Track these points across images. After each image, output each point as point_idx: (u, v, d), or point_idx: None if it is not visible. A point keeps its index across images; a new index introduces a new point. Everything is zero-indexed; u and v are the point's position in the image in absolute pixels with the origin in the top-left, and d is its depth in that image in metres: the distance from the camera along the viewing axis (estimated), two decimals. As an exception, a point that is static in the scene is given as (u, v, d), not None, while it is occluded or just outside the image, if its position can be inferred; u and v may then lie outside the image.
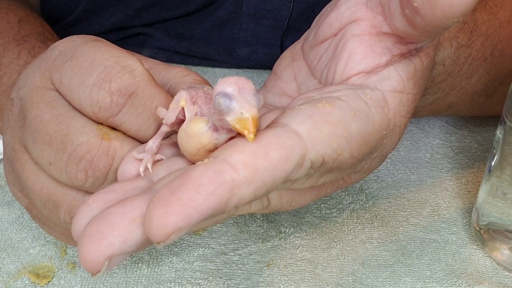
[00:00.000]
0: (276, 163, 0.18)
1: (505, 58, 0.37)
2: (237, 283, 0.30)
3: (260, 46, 0.48)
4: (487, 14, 0.36)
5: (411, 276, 0.31)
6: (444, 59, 0.34)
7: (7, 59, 0.36)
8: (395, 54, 0.23)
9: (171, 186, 0.17)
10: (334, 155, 0.20)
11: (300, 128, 0.20)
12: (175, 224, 0.17)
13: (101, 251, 0.17)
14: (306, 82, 0.27)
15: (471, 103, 0.39)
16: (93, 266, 0.18)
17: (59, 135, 0.23)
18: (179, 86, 0.26)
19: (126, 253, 0.18)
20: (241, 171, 0.18)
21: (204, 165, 0.18)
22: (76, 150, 0.23)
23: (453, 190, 0.37)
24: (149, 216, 0.17)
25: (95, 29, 0.48)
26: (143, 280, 0.30)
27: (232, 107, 0.19)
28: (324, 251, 0.33)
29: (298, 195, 0.25)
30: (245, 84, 0.19)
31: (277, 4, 0.45)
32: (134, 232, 0.18)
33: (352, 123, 0.21)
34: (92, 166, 0.23)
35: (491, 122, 0.43)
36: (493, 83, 0.37)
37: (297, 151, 0.19)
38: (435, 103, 0.37)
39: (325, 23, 0.26)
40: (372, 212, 0.35)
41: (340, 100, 0.21)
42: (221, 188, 0.17)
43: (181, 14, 0.47)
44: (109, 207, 0.19)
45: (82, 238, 0.18)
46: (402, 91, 0.23)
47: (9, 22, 0.39)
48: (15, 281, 0.30)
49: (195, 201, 0.17)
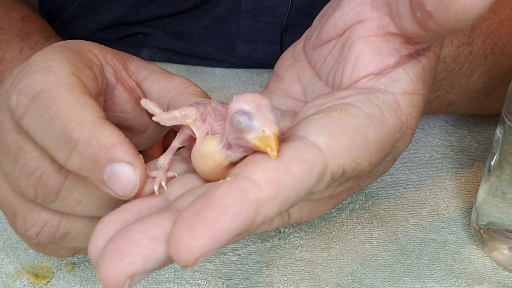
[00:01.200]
0: (299, 177, 0.18)
1: (505, 56, 0.37)
2: (236, 283, 0.30)
3: (260, 43, 0.48)
4: (488, 12, 0.36)
5: (411, 276, 0.31)
6: (445, 57, 0.34)
7: (9, 54, 0.36)
8: (403, 55, 0.23)
9: (195, 207, 0.17)
10: (354, 164, 0.20)
11: (318, 140, 0.19)
12: (203, 247, 0.16)
13: (123, 270, 0.17)
14: (312, 84, 0.27)
15: (471, 101, 0.38)
16: (114, 285, 0.17)
17: (15, 147, 0.22)
18: (181, 98, 0.26)
19: (148, 271, 0.18)
20: (264, 189, 0.17)
21: (227, 184, 0.17)
22: (26, 164, 0.22)
23: (453, 190, 0.37)
24: (175, 239, 0.16)
25: (92, 26, 0.48)
26: (142, 281, 0.30)
27: (253, 125, 0.18)
28: (324, 251, 0.32)
29: (317, 206, 0.25)
30: (262, 101, 0.19)
31: (276, 1, 0.45)
32: (156, 250, 0.17)
33: (369, 130, 0.21)
34: (40, 183, 0.22)
35: (490, 121, 0.43)
36: (493, 81, 0.37)
37: (318, 164, 0.19)
38: (436, 101, 0.37)
39: (328, 23, 0.26)
40: (372, 212, 0.35)
41: (354, 107, 0.21)
42: (246, 207, 0.17)
43: (179, 10, 0.47)
44: (129, 225, 0.18)
45: (102, 257, 0.17)
46: (412, 92, 0.23)
47: (12, 20, 0.39)
48: (14, 281, 0.30)
49: (222, 222, 0.16)
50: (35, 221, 0.23)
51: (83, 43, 0.25)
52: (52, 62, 0.22)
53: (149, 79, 0.27)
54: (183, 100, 0.26)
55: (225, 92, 0.47)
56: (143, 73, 0.27)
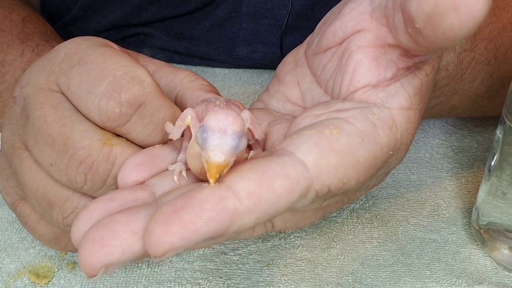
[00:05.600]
0: (280, 193, 0.19)
1: (508, 61, 0.37)
2: (237, 282, 0.30)
3: (260, 45, 0.48)
4: (490, 17, 0.36)
5: (411, 275, 0.31)
6: (447, 64, 0.34)
7: (10, 57, 0.36)
8: (400, 68, 0.23)
9: (174, 205, 0.18)
10: (340, 184, 0.20)
11: (306, 158, 0.20)
12: (173, 243, 0.17)
13: (100, 258, 0.18)
14: (311, 90, 0.27)
15: (473, 106, 0.38)
16: (90, 270, 0.18)
17: (62, 138, 0.23)
18: (188, 92, 0.26)
19: (123, 263, 0.18)
20: (244, 201, 0.18)
21: (209, 189, 0.18)
22: (77, 153, 0.23)
23: (453, 190, 0.37)
24: (149, 231, 0.17)
25: (94, 28, 0.48)
26: (143, 280, 0.30)
27: (205, 146, 0.19)
28: (324, 250, 0.33)
29: (302, 217, 0.25)
30: (231, 125, 0.19)
31: (276, 3, 0.45)
32: (134, 244, 0.18)
33: (359, 150, 0.21)
34: (91, 170, 0.23)
35: (491, 122, 0.43)
36: (495, 86, 0.37)
37: (302, 182, 0.19)
38: (437, 107, 0.37)
39: (328, 31, 0.26)
40: (372, 212, 0.35)
41: (348, 123, 0.21)
42: (222, 214, 0.18)
43: (180, 12, 0.47)
44: (115, 214, 0.19)
45: (83, 241, 0.18)
46: (409, 107, 0.23)
47: (12, 21, 0.39)
48: (15, 281, 0.30)
49: (195, 224, 0.17)
50: (74, 208, 0.24)
51: (97, 42, 0.25)
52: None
53: (156, 75, 0.28)
54: (190, 94, 0.26)
55: (225, 92, 0.47)
56: (151, 69, 0.28)
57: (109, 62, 0.23)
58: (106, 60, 0.23)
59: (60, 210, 0.24)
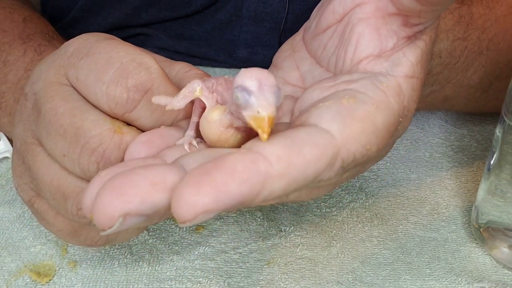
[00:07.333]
0: (310, 160, 0.18)
1: (500, 52, 0.37)
2: (238, 281, 0.30)
3: (260, 47, 0.48)
4: (484, 8, 0.36)
5: (411, 274, 0.31)
6: (440, 51, 0.34)
7: (12, 57, 0.36)
8: (401, 37, 0.24)
9: (205, 167, 0.17)
10: (364, 151, 0.20)
11: (331, 127, 0.20)
12: (205, 205, 0.16)
13: (118, 206, 0.17)
14: (312, 71, 0.27)
15: (467, 97, 0.39)
16: (106, 220, 0.17)
17: (73, 128, 0.23)
18: (184, 82, 0.26)
19: (141, 216, 0.18)
20: (275, 164, 0.18)
21: (239, 153, 0.18)
22: (88, 142, 0.23)
23: (453, 189, 0.37)
24: (179, 194, 0.16)
25: (93, 30, 0.48)
26: (144, 279, 0.31)
27: (250, 103, 0.18)
28: (324, 249, 0.33)
29: (317, 188, 0.24)
30: (266, 79, 0.19)
31: (276, 7, 0.46)
32: (154, 195, 0.17)
33: (377, 116, 0.21)
34: (103, 158, 0.23)
35: (490, 121, 0.43)
36: (488, 77, 0.37)
37: (330, 150, 0.19)
38: (431, 96, 0.37)
39: (328, 10, 0.26)
40: (372, 211, 0.35)
41: (361, 93, 0.21)
42: (254, 177, 0.17)
43: (180, 15, 0.47)
44: (132, 169, 0.18)
45: (100, 192, 0.17)
46: (413, 76, 0.24)
47: (13, 21, 0.39)
48: (16, 279, 0.30)
49: (228, 185, 0.17)
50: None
51: (104, 36, 0.26)
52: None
53: None
54: (186, 83, 0.27)
55: (225, 92, 0.47)
56: None
57: (116, 51, 0.23)
58: (113, 50, 0.23)
59: (74, 201, 0.24)
